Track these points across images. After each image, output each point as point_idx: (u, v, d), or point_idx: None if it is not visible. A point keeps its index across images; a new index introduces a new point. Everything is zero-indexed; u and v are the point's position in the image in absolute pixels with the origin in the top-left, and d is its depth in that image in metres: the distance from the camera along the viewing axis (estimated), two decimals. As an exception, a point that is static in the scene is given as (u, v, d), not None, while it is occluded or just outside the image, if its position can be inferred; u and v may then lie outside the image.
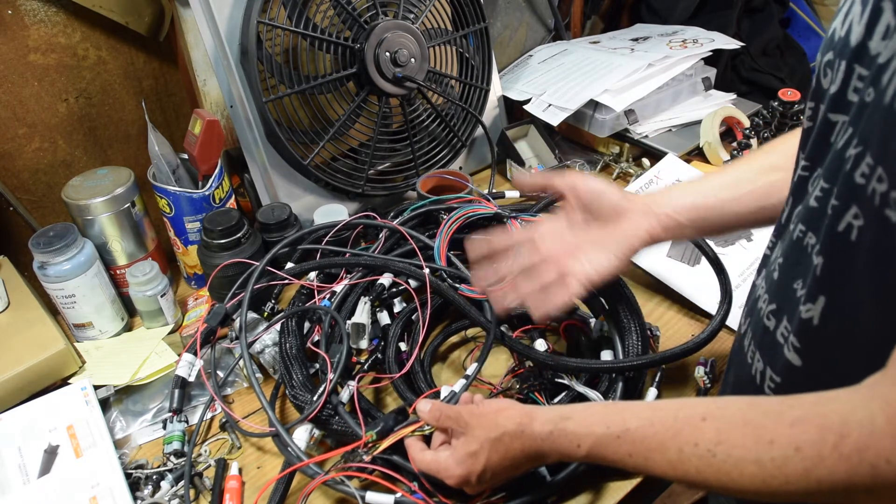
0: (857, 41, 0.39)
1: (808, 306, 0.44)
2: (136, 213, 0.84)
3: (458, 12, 1.05)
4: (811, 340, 0.45)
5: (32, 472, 0.63)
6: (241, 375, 0.77)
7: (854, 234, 0.39)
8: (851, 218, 0.39)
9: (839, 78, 0.41)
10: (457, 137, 1.09)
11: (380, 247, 0.81)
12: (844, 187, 0.40)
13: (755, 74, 1.41)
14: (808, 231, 0.45)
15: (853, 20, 0.40)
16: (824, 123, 0.43)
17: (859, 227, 0.39)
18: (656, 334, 0.81)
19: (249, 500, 0.64)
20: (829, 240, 0.42)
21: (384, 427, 0.58)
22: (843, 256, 0.40)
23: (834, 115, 0.42)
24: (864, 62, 0.39)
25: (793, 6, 1.53)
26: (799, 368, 0.46)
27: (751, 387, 0.54)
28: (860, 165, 0.38)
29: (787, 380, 0.49)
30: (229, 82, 0.89)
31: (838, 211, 0.40)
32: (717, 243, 0.94)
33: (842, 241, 0.40)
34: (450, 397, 0.61)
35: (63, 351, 0.74)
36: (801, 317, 0.45)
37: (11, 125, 0.88)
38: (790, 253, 0.48)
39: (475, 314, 0.70)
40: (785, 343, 0.48)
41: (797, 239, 0.46)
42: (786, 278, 0.48)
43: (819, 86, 0.44)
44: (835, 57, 0.42)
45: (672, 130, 1.20)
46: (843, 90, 0.41)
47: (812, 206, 0.44)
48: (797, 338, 0.46)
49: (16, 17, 0.84)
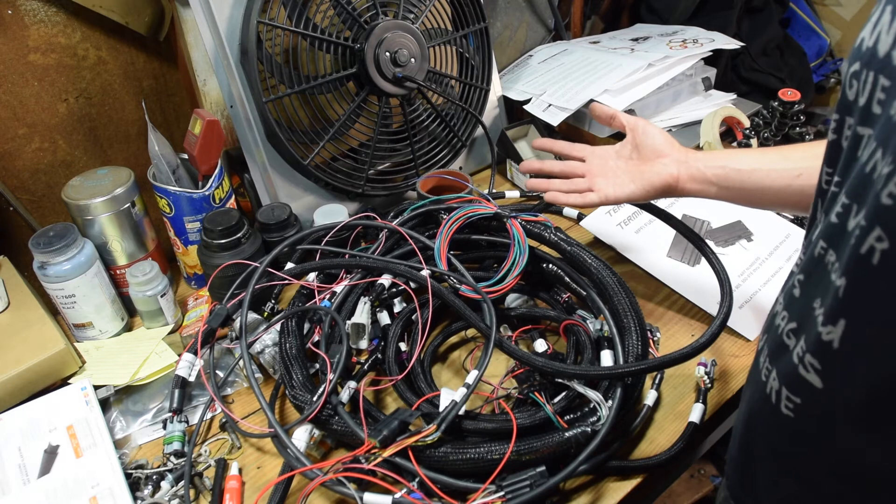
0: (885, 51, 0.38)
1: (829, 328, 0.43)
2: (136, 213, 0.84)
3: (458, 12, 1.05)
4: (831, 363, 0.44)
5: (32, 472, 0.64)
6: (241, 375, 0.77)
7: (876, 257, 0.38)
8: (874, 241, 0.38)
9: (867, 90, 0.40)
10: (457, 137, 1.09)
11: (380, 247, 0.81)
12: (871, 207, 0.38)
13: (755, 74, 1.41)
14: (829, 248, 0.44)
15: (882, 30, 0.39)
16: (854, 137, 0.42)
17: (882, 250, 0.37)
18: (656, 335, 0.81)
19: (249, 500, 0.65)
20: (853, 261, 0.40)
21: (388, 436, 0.58)
22: (865, 280, 0.39)
23: (862, 128, 0.41)
24: (888, 73, 0.38)
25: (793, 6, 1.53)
26: (820, 391, 0.45)
27: (765, 406, 0.52)
28: (888, 185, 0.36)
29: (806, 401, 0.47)
30: (229, 82, 0.89)
31: (863, 231, 0.39)
32: (717, 243, 0.94)
33: (864, 263, 0.39)
34: (451, 406, 0.61)
35: (63, 351, 0.74)
36: (821, 338, 0.44)
37: (11, 125, 0.88)
38: (812, 270, 0.46)
39: (475, 320, 0.70)
40: (801, 363, 0.46)
41: (818, 256, 0.45)
42: (805, 296, 0.47)
43: (844, 97, 0.43)
44: (861, 67, 0.41)
45: (672, 130, 1.20)
46: (869, 102, 0.40)
47: (833, 221, 0.43)
48: (815, 358, 0.45)
49: (16, 17, 0.84)
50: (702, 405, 0.72)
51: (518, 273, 0.77)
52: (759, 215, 0.98)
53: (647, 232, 0.96)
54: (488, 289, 0.75)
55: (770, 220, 0.97)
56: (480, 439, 0.62)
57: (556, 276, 0.82)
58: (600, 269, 0.77)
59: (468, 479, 0.59)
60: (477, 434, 0.63)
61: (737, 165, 0.71)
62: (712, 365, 0.76)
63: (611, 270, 0.77)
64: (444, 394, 0.64)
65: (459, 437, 0.63)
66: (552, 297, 0.84)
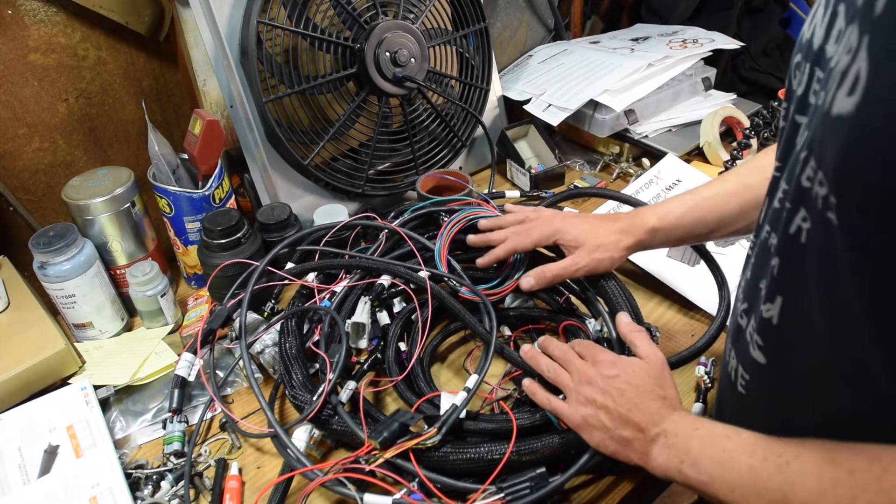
0: (818, 45, 0.40)
1: (768, 306, 0.45)
2: (136, 213, 0.84)
3: (458, 12, 1.05)
4: (772, 340, 0.46)
5: (32, 472, 0.64)
6: (241, 375, 0.77)
7: (804, 236, 0.40)
8: (800, 220, 0.40)
9: (804, 80, 0.42)
10: (457, 137, 1.09)
11: (380, 247, 0.81)
12: (795, 190, 0.41)
13: (755, 74, 1.41)
14: (771, 231, 0.45)
15: (817, 24, 0.41)
16: (792, 125, 0.44)
17: (807, 229, 0.39)
18: (656, 335, 0.81)
19: (249, 500, 0.65)
20: (784, 241, 0.42)
21: (388, 437, 0.58)
22: (795, 258, 0.41)
23: (799, 116, 0.43)
24: (821, 65, 0.39)
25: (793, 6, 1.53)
26: (764, 367, 0.47)
27: (727, 383, 0.55)
28: (806, 168, 0.39)
29: (754, 378, 0.49)
30: (229, 82, 0.89)
31: (790, 213, 0.41)
32: (717, 243, 0.94)
33: (794, 242, 0.41)
34: (451, 410, 0.61)
35: (63, 351, 0.74)
36: (762, 316, 0.46)
37: (11, 125, 0.88)
38: (760, 253, 0.48)
39: (475, 324, 0.69)
40: (750, 341, 0.48)
41: (764, 239, 0.47)
42: (754, 278, 0.49)
43: (790, 87, 0.45)
44: (802, 59, 0.43)
45: (672, 130, 1.20)
46: (805, 92, 0.42)
47: (775, 206, 0.45)
48: (759, 336, 0.47)
49: (16, 17, 0.84)
50: (701, 405, 0.72)
51: (519, 276, 0.77)
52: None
53: (646, 232, 0.96)
54: (488, 291, 0.75)
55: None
56: (480, 439, 0.62)
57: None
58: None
59: (468, 479, 0.59)
60: (477, 434, 0.63)
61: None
62: (712, 365, 0.76)
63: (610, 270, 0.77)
64: (445, 397, 0.63)
65: (460, 438, 0.63)
66: (551, 298, 0.84)
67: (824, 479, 0.39)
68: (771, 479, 0.42)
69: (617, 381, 0.56)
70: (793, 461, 0.42)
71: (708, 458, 0.48)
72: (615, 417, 0.55)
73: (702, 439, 0.50)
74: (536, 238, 0.75)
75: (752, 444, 0.46)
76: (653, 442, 0.53)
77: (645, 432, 0.53)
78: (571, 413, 0.58)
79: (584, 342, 0.63)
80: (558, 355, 0.63)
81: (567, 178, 1.14)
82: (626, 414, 0.54)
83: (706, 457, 0.48)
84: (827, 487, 0.39)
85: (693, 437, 0.50)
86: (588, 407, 0.57)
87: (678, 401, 0.57)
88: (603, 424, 0.56)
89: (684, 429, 0.52)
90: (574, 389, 0.59)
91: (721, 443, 0.48)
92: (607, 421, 0.55)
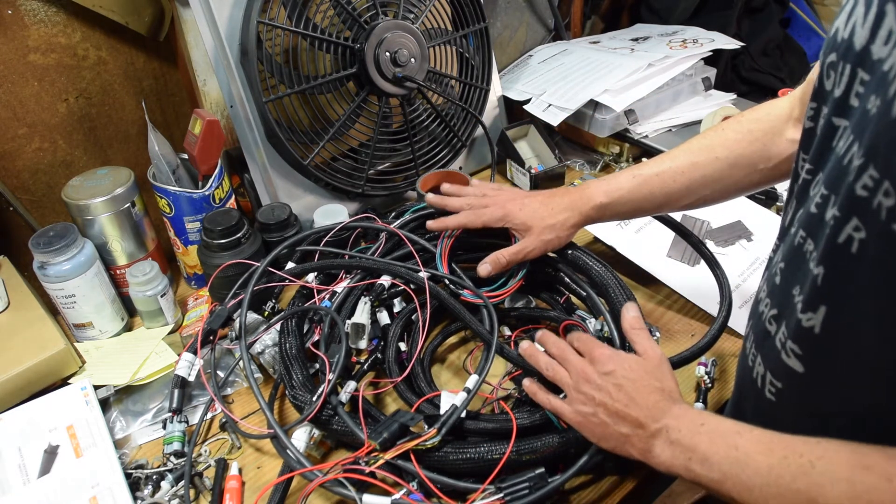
0: (862, 45, 0.38)
1: (809, 315, 0.44)
2: (136, 213, 0.84)
3: (458, 12, 1.05)
4: (813, 348, 0.45)
5: (32, 472, 0.64)
6: (241, 375, 0.77)
7: (855, 246, 0.38)
8: (852, 230, 0.38)
9: (843, 82, 0.40)
10: (457, 137, 1.09)
11: (380, 248, 0.81)
12: (845, 198, 0.39)
13: (755, 74, 1.41)
14: (807, 237, 0.44)
15: (856, 22, 0.39)
16: (828, 127, 0.43)
17: (860, 239, 0.38)
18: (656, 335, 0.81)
19: (249, 500, 0.65)
20: (829, 250, 0.41)
21: (388, 438, 0.58)
22: (844, 268, 0.40)
23: (837, 119, 0.42)
24: (867, 67, 0.38)
25: (793, 6, 1.53)
26: (801, 375, 0.46)
27: (751, 389, 0.53)
28: (862, 177, 0.37)
29: (788, 386, 0.48)
30: (229, 82, 0.89)
31: (840, 221, 0.40)
32: (717, 243, 0.94)
33: (842, 252, 0.39)
34: (451, 411, 0.61)
35: (63, 351, 0.74)
36: (801, 325, 0.44)
37: (11, 125, 0.88)
38: (791, 258, 0.47)
39: (476, 325, 0.69)
40: (783, 349, 0.47)
41: (798, 245, 0.46)
42: (786, 284, 0.48)
43: (822, 87, 0.44)
44: (838, 59, 0.41)
45: (672, 130, 1.20)
46: (846, 94, 0.40)
47: (812, 211, 0.44)
48: (797, 344, 0.46)
49: (16, 17, 0.84)
50: (702, 405, 0.72)
51: (520, 277, 0.77)
52: (760, 215, 0.98)
53: (646, 232, 0.96)
54: (490, 293, 0.75)
55: (770, 220, 0.97)
56: (480, 439, 0.62)
57: (556, 277, 0.82)
58: (600, 270, 0.76)
59: (468, 479, 0.59)
60: (477, 434, 0.63)
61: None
62: (712, 365, 0.76)
63: (611, 271, 0.77)
64: (445, 397, 0.63)
65: (460, 437, 0.63)
66: (552, 297, 0.84)
67: (857, 483, 0.38)
68: (795, 480, 0.41)
69: (613, 377, 0.56)
70: (818, 462, 0.41)
71: (719, 456, 0.47)
72: (612, 413, 0.55)
73: (710, 436, 0.49)
74: (486, 220, 0.77)
75: (767, 442, 0.45)
76: (654, 438, 0.52)
77: (644, 427, 0.53)
78: (571, 411, 0.58)
79: (582, 336, 0.62)
80: (556, 352, 0.62)
81: (567, 178, 1.14)
82: (622, 410, 0.54)
83: (717, 454, 0.47)
84: (861, 493, 0.38)
85: (699, 433, 0.49)
86: (587, 405, 0.56)
87: (677, 392, 0.56)
88: (602, 421, 0.55)
89: (688, 424, 0.51)
90: (573, 387, 0.58)
91: (732, 439, 0.47)
92: (605, 417, 0.55)
